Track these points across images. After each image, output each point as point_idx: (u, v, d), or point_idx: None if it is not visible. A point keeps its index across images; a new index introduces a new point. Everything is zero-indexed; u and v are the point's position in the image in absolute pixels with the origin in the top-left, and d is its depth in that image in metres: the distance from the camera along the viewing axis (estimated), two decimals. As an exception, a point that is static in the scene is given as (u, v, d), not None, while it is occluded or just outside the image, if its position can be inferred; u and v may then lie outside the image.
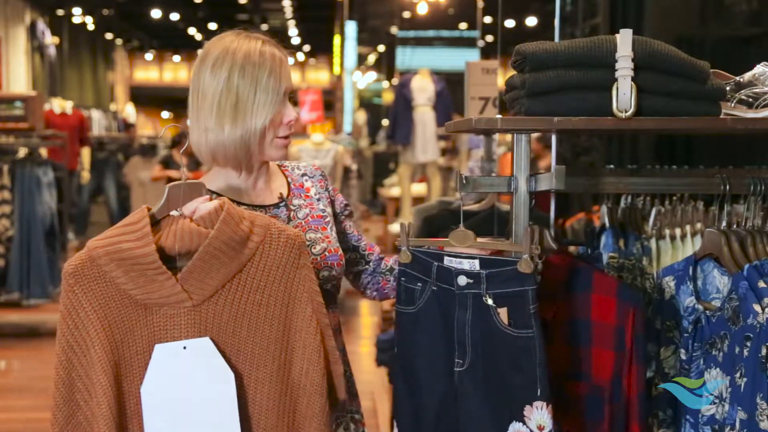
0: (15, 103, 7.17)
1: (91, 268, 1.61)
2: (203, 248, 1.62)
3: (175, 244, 1.63)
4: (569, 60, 1.82)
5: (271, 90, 1.84)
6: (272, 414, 1.68)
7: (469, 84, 3.82)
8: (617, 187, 2.34)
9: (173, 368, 1.64)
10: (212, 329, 1.66)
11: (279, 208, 1.96)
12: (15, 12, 13.38)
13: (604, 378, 1.79)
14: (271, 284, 1.68)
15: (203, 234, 1.63)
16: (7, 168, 6.93)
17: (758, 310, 1.69)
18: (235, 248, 1.64)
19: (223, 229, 1.63)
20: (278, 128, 1.88)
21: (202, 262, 1.62)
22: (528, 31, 15.90)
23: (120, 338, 1.63)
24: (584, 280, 1.84)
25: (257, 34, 1.90)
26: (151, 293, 1.62)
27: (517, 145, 1.93)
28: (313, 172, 2.07)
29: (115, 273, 1.61)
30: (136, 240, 1.61)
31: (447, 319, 1.84)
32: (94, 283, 1.61)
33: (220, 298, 1.66)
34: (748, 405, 1.68)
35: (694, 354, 1.87)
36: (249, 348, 1.67)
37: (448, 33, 18.06)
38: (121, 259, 1.60)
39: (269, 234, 1.68)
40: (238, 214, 1.66)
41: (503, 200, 3.39)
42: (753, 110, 1.92)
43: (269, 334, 1.68)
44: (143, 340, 1.64)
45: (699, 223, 2.41)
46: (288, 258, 1.69)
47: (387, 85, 18.86)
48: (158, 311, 1.64)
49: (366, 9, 17.50)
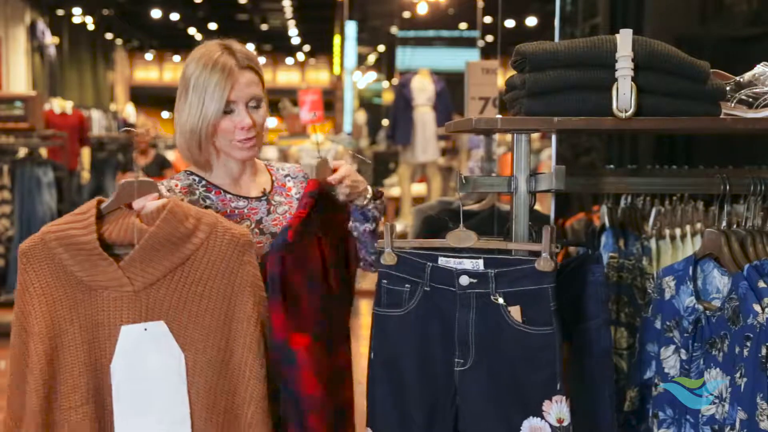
0: (15, 103, 7.17)
1: (42, 250, 1.80)
2: (143, 242, 1.79)
3: (119, 236, 1.81)
4: (569, 60, 1.82)
5: (216, 98, 2.00)
6: (210, 395, 1.82)
7: (469, 84, 3.82)
8: (617, 187, 2.35)
9: (135, 347, 1.81)
10: (154, 315, 1.82)
11: (260, 201, 2.13)
12: (15, 12, 13.38)
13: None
14: (213, 278, 1.83)
15: (144, 230, 1.80)
16: (7, 168, 6.92)
17: (758, 310, 1.69)
18: (176, 243, 1.81)
19: (162, 227, 1.79)
20: (233, 132, 2.03)
21: (142, 253, 1.79)
22: (528, 31, 15.89)
23: (64, 315, 1.80)
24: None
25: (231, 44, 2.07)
26: (95, 276, 1.79)
27: (517, 145, 1.93)
28: (296, 174, 2.24)
29: (63, 256, 1.79)
30: (82, 228, 1.80)
31: (444, 320, 1.83)
32: (44, 263, 1.80)
33: (162, 286, 1.82)
34: (748, 405, 1.68)
35: (694, 354, 1.87)
36: (189, 334, 1.82)
37: (448, 33, 18.04)
38: (69, 244, 1.79)
39: (215, 231, 1.84)
40: (183, 213, 1.82)
41: (503, 200, 3.39)
42: (753, 110, 1.93)
43: (209, 323, 1.83)
44: (87, 317, 1.81)
45: (699, 223, 2.41)
46: (232, 254, 1.84)
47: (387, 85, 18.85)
48: (102, 293, 1.81)
49: (366, 9, 17.48)
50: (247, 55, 2.06)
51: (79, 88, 17.27)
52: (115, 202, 1.87)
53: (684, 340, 1.89)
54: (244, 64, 2.04)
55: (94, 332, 1.81)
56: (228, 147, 2.06)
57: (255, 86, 2.05)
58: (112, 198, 1.87)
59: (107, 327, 1.82)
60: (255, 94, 2.05)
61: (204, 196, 2.07)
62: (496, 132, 3.21)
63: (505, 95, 1.99)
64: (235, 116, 2.03)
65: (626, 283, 2.38)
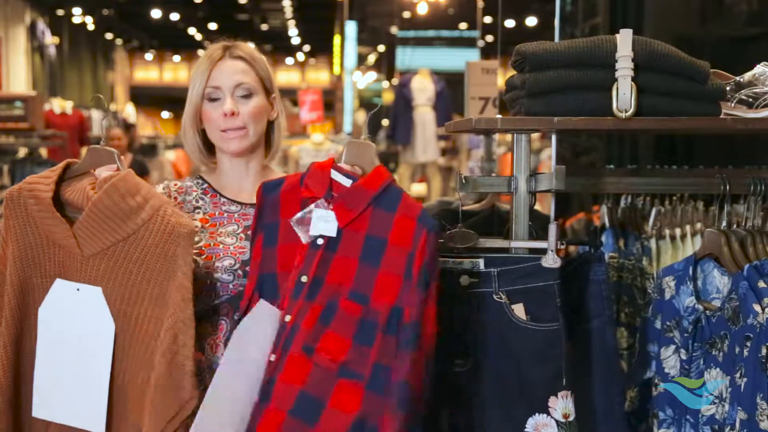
0: (15, 103, 7.16)
1: (19, 198, 1.91)
2: (87, 210, 1.85)
3: (74, 200, 1.88)
4: (569, 60, 1.82)
5: (198, 82, 2.02)
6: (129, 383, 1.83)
7: (469, 84, 3.82)
8: (617, 187, 2.35)
9: (65, 304, 1.87)
10: (96, 282, 1.86)
11: (251, 207, 2.01)
12: (15, 12, 13.38)
13: (385, 304, 1.69)
14: (149, 261, 1.84)
15: (89, 197, 1.85)
16: (7, 168, 6.92)
17: (758, 310, 1.69)
18: (118, 216, 1.84)
19: (102, 198, 1.83)
20: (218, 121, 2.02)
21: (87, 221, 1.84)
22: (528, 31, 15.88)
23: (31, 261, 1.90)
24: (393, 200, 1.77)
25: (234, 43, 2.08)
26: (53, 233, 1.88)
27: (517, 145, 1.93)
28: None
29: (33, 208, 1.89)
30: (46, 185, 1.89)
31: (444, 320, 1.83)
32: (19, 210, 1.90)
33: (105, 257, 1.86)
34: (748, 405, 1.68)
35: (694, 354, 1.87)
36: (123, 310, 1.84)
37: (448, 33, 18.03)
38: (35, 197, 1.88)
39: (156, 215, 1.84)
40: (128, 188, 1.84)
41: (503, 200, 3.39)
42: (753, 110, 1.93)
43: (145, 308, 1.84)
44: (48, 268, 1.90)
45: (699, 223, 2.42)
46: (167, 243, 1.83)
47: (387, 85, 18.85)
48: (61, 249, 1.88)
49: (366, 9, 17.48)
50: (245, 49, 2.06)
51: (79, 88, 17.27)
52: (81, 166, 1.95)
53: (684, 340, 1.89)
54: (234, 54, 2.04)
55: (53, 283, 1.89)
56: (216, 138, 2.05)
57: (243, 75, 2.03)
58: (80, 162, 1.96)
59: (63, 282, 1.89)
60: (242, 82, 2.03)
61: (199, 197, 2.07)
62: (496, 132, 3.21)
63: (505, 95, 1.99)
64: (219, 103, 2.02)
65: (626, 283, 2.38)
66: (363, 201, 1.76)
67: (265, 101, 2.08)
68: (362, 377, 1.66)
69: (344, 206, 1.76)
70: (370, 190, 1.77)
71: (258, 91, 2.05)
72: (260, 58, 2.09)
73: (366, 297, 1.70)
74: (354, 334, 1.69)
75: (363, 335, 1.68)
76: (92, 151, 1.96)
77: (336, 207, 1.77)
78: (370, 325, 1.68)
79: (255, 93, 2.04)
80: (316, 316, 1.71)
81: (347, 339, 1.68)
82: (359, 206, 1.76)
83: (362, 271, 1.72)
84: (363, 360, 1.67)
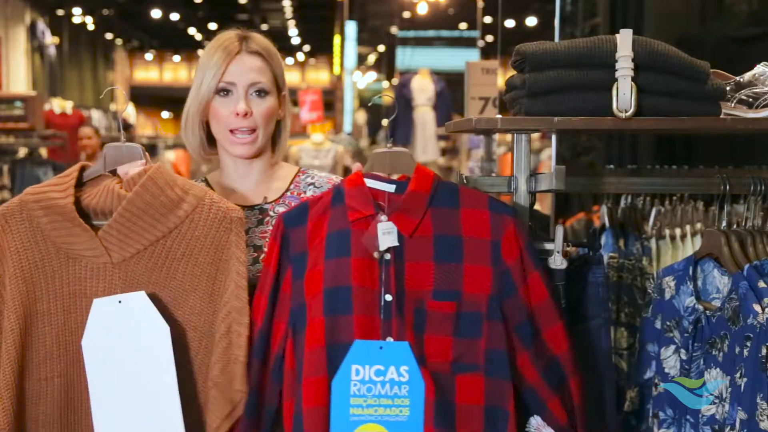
0: (15, 103, 7.16)
1: (20, 212, 1.71)
2: (120, 209, 1.68)
3: (99, 203, 1.71)
4: (569, 60, 1.82)
5: (211, 74, 1.90)
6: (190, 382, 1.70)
7: (469, 84, 3.83)
8: (617, 187, 2.35)
9: (109, 324, 1.68)
10: (132, 289, 1.68)
11: (253, 210, 1.98)
12: (15, 12, 13.38)
13: (482, 294, 1.70)
14: (198, 254, 1.70)
15: (123, 196, 1.69)
16: (7, 168, 6.92)
17: (758, 310, 1.69)
18: (157, 213, 1.68)
19: (141, 193, 1.68)
20: (228, 119, 1.91)
21: (120, 222, 1.68)
22: (528, 31, 15.88)
23: (41, 280, 1.70)
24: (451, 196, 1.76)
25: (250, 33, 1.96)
26: (72, 244, 1.69)
27: (517, 145, 1.93)
28: (323, 184, 2.05)
29: (42, 220, 1.70)
30: (61, 192, 1.71)
31: None
32: (21, 226, 1.70)
33: (143, 260, 1.70)
34: (748, 405, 1.68)
35: (694, 354, 1.86)
36: (170, 313, 1.69)
37: (448, 33, 18.05)
38: (47, 207, 1.70)
39: (201, 204, 1.71)
40: (166, 180, 1.70)
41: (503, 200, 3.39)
42: (753, 110, 1.93)
43: (193, 304, 1.70)
44: (63, 286, 1.71)
45: (699, 223, 2.42)
46: (218, 231, 1.71)
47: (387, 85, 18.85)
48: (80, 262, 1.70)
49: (366, 9, 17.49)
50: (261, 43, 1.95)
51: (79, 88, 17.27)
52: (99, 167, 1.77)
53: (684, 340, 1.89)
54: (252, 49, 1.93)
55: (70, 302, 1.71)
56: (223, 139, 1.94)
57: (259, 74, 1.93)
58: (97, 163, 1.77)
59: (83, 298, 1.70)
60: (258, 81, 1.92)
61: None
62: (496, 132, 3.21)
63: (505, 95, 1.99)
64: (231, 99, 1.92)
65: (626, 283, 2.38)
66: (421, 205, 1.73)
67: (277, 101, 1.98)
68: (478, 367, 1.68)
69: (404, 215, 1.73)
70: (424, 192, 1.74)
71: (272, 90, 1.96)
72: (275, 54, 1.99)
73: (456, 293, 1.70)
74: (453, 330, 1.69)
75: (465, 328, 1.69)
76: (111, 149, 1.77)
77: (395, 218, 1.72)
78: (472, 316, 1.69)
79: (269, 92, 1.95)
80: (410, 327, 1.69)
81: (448, 337, 1.69)
82: (419, 211, 1.73)
83: (442, 271, 1.71)
84: (473, 351, 1.69)
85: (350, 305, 1.68)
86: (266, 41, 1.97)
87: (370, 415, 1.67)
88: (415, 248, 1.72)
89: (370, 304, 1.69)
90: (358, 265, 1.70)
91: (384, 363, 1.67)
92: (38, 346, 1.70)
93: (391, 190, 1.76)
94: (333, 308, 1.68)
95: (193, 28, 20.54)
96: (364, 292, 1.69)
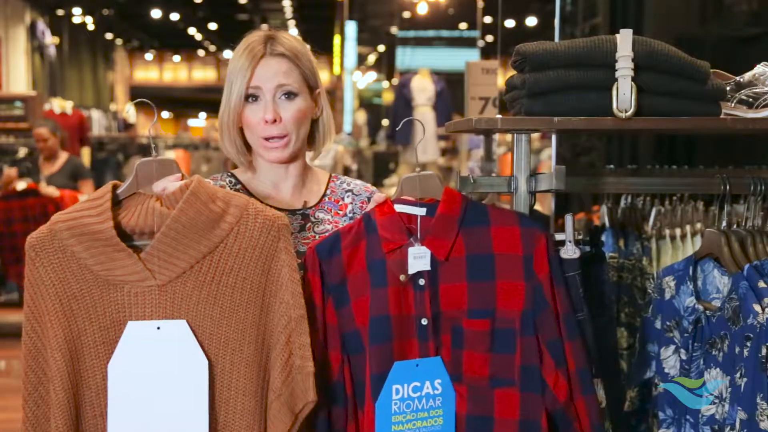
0: (15, 103, 7.18)
1: (52, 242, 1.60)
2: (164, 228, 1.59)
3: (138, 223, 1.62)
4: (569, 60, 1.82)
5: (238, 83, 1.87)
6: (250, 397, 1.64)
7: (469, 84, 3.83)
8: (617, 187, 2.35)
9: (144, 348, 1.61)
10: (181, 311, 1.62)
11: (295, 214, 1.94)
12: (15, 12, 13.38)
13: (515, 310, 1.72)
14: (246, 267, 1.63)
15: (165, 214, 1.60)
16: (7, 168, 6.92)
17: (758, 310, 1.69)
18: (203, 228, 1.61)
19: (186, 210, 1.60)
20: (258, 126, 1.88)
21: (165, 242, 1.59)
22: (528, 31, 15.89)
23: (82, 313, 1.60)
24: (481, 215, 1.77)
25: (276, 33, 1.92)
26: (113, 270, 1.60)
27: (517, 145, 1.93)
28: (361, 191, 2.02)
29: (76, 248, 1.59)
30: (97, 215, 1.60)
31: None
32: (54, 257, 1.60)
33: (189, 278, 1.62)
34: (748, 405, 1.68)
35: (694, 354, 1.87)
36: (222, 332, 1.63)
37: (448, 33, 18.05)
38: (82, 234, 1.59)
39: (246, 214, 1.64)
40: (208, 194, 1.63)
41: (503, 200, 3.39)
42: (753, 110, 1.93)
43: (245, 318, 1.63)
44: (106, 316, 1.61)
45: (699, 223, 2.41)
46: (266, 240, 1.64)
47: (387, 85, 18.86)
48: (122, 288, 1.61)
49: (366, 9, 17.50)
50: (287, 44, 1.90)
51: (79, 88, 17.28)
52: (132, 185, 1.67)
53: (684, 340, 1.89)
54: (277, 51, 1.88)
55: (115, 332, 1.62)
56: (257, 145, 1.91)
57: (285, 76, 1.88)
58: (129, 181, 1.67)
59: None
60: (284, 84, 1.87)
61: None
62: (496, 132, 3.21)
63: (505, 95, 1.99)
64: (260, 105, 1.87)
65: (626, 283, 2.38)
66: (453, 227, 1.74)
67: (309, 101, 1.92)
68: (513, 382, 1.71)
69: (436, 239, 1.74)
70: (454, 215, 1.75)
71: (302, 90, 1.90)
72: (304, 53, 1.92)
73: (490, 310, 1.72)
74: (489, 347, 1.72)
75: (500, 344, 1.72)
76: (142, 165, 1.67)
77: (429, 242, 1.73)
78: (506, 332, 1.72)
79: (298, 93, 1.89)
80: (448, 346, 1.73)
81: (485, 354, 1.72)
82: (451, 234, 1.74)
83: (476, 290, 1.73)
84: (508, 366, 1.72)
85: (390, 333, 1.71)
86: (293, 40, 1.92)
87: (409, 429, 1.72)
88: (450, 270, 1.74)
89: (407, 330, 1.73)
90: (395, 293, 1.73)
91: (420, 379, 1.71)
92: (89, 382, 1.62)
93: (422, 213, 1.77)
94: (376, 337, 1.72)
95: (193, 28, 20.55)
96: (402, 318, 1.73)
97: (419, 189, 1.81)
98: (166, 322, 1.60)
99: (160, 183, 1.67)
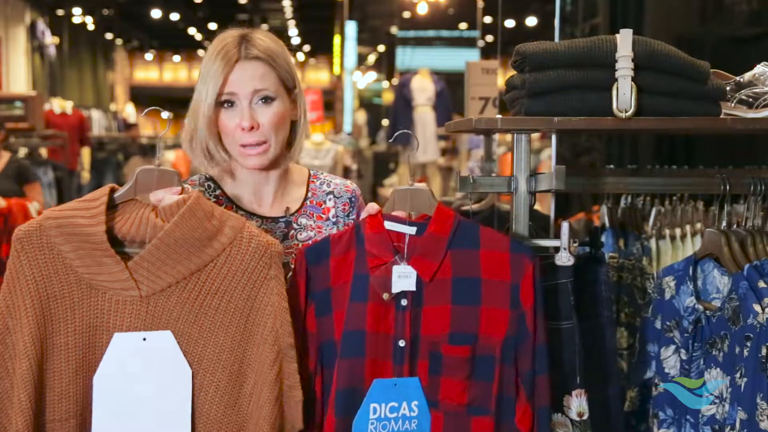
0: (15, 103, 7.17)
1: (39, 237, 1.57)
2: (156, 240, 1.56)
3: (131, 231, 1.59)
4: (569, 60, 1.82)
5: (211, 87, 1.78)
6: (214, 423, 1.61)
7: (469, 84, 3.82)
8: (617, 187, 2.35)
9: (129, 361, 1.59)
10: (160, 324, 1.59)
11: (278, 222, 1.90)
12: (15, 12, 13.37)
13: (497, 338, 1.69)
14: (233, 290, 1.61)
15: (159, 226, 1.58)
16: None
17: (758, 310, 1.69)
18: (194, 246, 1.58)
19: (180, 224, 1.57)
20: (235, 133, 1.81)
21: (154, 254, 1.57)
22: (528, 31, 15.89)
23: (59, 313, 1.58)
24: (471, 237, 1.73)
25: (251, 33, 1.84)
26: (98, 275, 1.57)
27: (517, 145, 1.93)
28: (342, 193, 1.98)
29: (64, 247, 1.56)
30: (89, 218, 1.57)
31: None
32: (40, 253, 1.57)
33: (174, 294, 1.59)
34: (748, 405, 1.68)
35: (694, 354, 1.87)
36: (198, 351, 1.61)
37: (448, 33, 18.05)
38: (71, 234, 1.56)
39: (239, 237, 1.61)
40: (204, 212, 1.59)
41: (503, 200, 3.39)
42: (753, 110, 1.93)
43: (223, 341, 1.61)
44: (83, 320, 1.59)
45: (699, 223, 2.42)
46: (256, 266, 1.61)
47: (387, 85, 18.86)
48: (104, 294, 1.58)
49: (366, 9, 17.50)
50: (262, 46, 1.81)
51: (79, 88, 17.27)
52: (130, 191, 1.64)
53: (684, 340, 1.89)
54: (252, 54, 1.79)
55: (90, 337, 1.59)
56: (235, 152, 1.83)
57: (261, 80, 1.80)
58: (127, 186, 1.64)
59: (105, 333, 1.59)
60: (260, 88, 1.79)
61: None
62: (496, 132, 3.21)
63: (505, 95, 1.99)
64: (236, 111, 1.80)
65: (626, 283, 2.38)
66: (441, 248, 1.70)
67: (287, 103, 1.86)
68: (490, 411, 1.69)
69: (423, 259, 1.70)
70: (443, 235, 1.71)
71: (279, 93, 1.83)
72: (280, 53, 1.84)
73: (472, 336, 1.69)
74: (468, 374, 1.69)
75: (479, 371, 1.70)
76: (143, 173, 1.65)
77: (414, 262, 1.70)
78: (486, 359, 1.70)
79: (276, 97, 1.82)
80: (425, 371, 1.70)
81: (463, 381, 1.69)
82: (438, 255, 1.70)
83: (459, 314, 1.70)
84: (486, 395, 1.69)
85: (362, 350, 1.69)
86: (268, 41, 1.84)
87: None
88: (434, 292, 1.70)
89: (382, 350, 1.70)
90: (374, 310, 1.70)
91: (398, 399, 1.69)
92: (53, 384, 1.58)
93: (412, 233, 1.73)
94: (347, 351, 1.69)
95: (193, 28, 20.54)
96: (378, 337, 1.70)
97: (410, 202, 1.76)
98: (153, 333, 1.58)
99: (159, 193, 1.64)
